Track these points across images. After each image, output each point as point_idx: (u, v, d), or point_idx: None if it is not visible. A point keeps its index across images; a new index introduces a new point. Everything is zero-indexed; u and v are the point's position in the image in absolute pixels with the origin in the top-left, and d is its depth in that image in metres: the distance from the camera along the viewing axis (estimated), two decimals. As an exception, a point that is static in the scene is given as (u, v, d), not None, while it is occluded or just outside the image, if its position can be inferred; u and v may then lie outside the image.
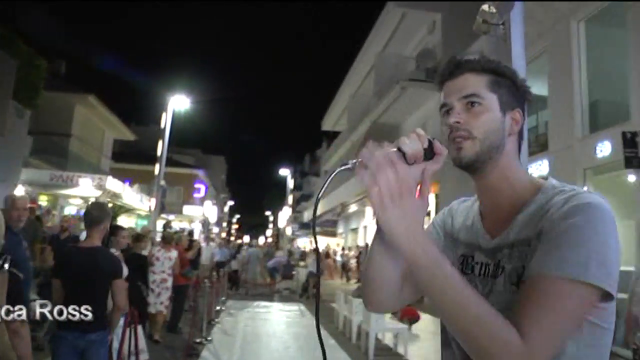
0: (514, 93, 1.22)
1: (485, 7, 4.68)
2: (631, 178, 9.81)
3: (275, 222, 77.34)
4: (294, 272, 17.44)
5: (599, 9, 10.62)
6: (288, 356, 7.75)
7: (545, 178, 1.21)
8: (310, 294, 15.17)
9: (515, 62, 4.77)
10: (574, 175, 10.61)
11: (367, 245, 19.74)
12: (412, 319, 8.97)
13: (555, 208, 1.05)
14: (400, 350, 7.87)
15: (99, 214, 3.72)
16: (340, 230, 36.62)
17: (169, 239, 8.51)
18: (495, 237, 1.19)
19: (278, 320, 11.12)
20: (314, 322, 1.11)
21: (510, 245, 1.13)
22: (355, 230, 31.54)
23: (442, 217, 1.44)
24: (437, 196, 17.69)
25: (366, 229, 27.60)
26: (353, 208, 26.03)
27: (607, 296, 1.00)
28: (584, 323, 1.00)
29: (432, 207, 17.88)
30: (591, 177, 10.74)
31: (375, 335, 7.60)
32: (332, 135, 37.91)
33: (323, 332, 1.05)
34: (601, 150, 10.05)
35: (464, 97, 1.18)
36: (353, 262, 24.98)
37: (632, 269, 8.12)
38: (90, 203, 6.01)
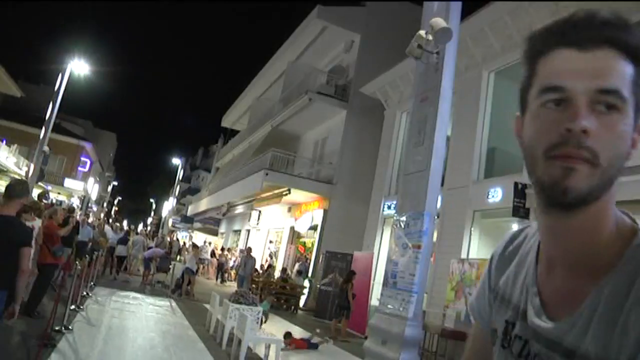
0: None
1: (422, 32, 4.73)
2: (515, 226, 10.42)
3: (157, 210, 74.80)
4: (170, 266, 16.76)
5: (509, 64, 11.31)
6: (154, 356, 7.30)
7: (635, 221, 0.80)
8: (184, 292, 14.62)
9: (444, 93, 4.86)
10: (464, 215, 11.12)
11: (249, 249, 19.42)
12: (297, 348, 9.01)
13: None
14: None
15: (20, 188, 4.13)
16: (222, 230, 35.97)
17: (32, 207, 7.44)
18: (550, 315, 0.81)
19: (147, 314, 10.49)
20: (184, 321, 0.89)
21: (566, 352, 0.75)
22: (237, 232, 31.05)
23: (489, 265, 1.04)
24: (325, 212, 17.89)
25: (249, 233, 27.32)
26: (239, 210, 25.63)
27: None
28: None
29: (319, 222, 18.04)
30: (479, 220, 11.33)
31: (248, 344, 7.31)
32: (231, 133, 37.41)
33: (192, 334, 0.83)
34: (493, 196, 10.62)
35: (602, 91, 0.72)
36: (231, 264, 24.60)
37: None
38: (14, 178, 5.56)
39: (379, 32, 18.44)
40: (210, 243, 30.73)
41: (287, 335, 8.95)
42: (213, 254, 26.04)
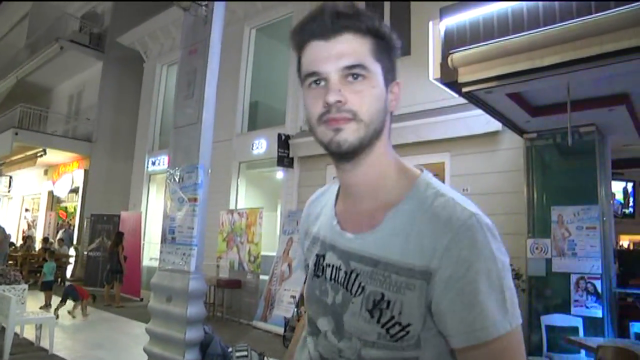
0: (393, 64, 1.02)
1: (190, -17, 4.60)
2: (279, 175, 11.00)
3: None
4: None
5: (270, 21, 11.62)
6: None
7: (420, 170, 1.06)
8: None
9: (214, 45, 4.80)
10: (229, 167, 11.35)
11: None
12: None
13: (443, 244, 0.90)
14: (45, 344, 6.78)
15: None
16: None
17: None
18: (354, 236, 1.02)
19: None
20: None
21: (374, 262, 0.97)
22: None
23: (304, 215, 1.26)
24: (86, 172, 16.68)
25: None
26: None
27: None
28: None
29: (80, 183, 16.77)
30: (245, 171, 11.66)
31: (13, 329, 6.41)
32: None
33: None
34: (257, 147, 10.98)
35: (347, 67, 0.95)
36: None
37: (274, 254, 9.08)
38: None
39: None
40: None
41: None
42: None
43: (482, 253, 0.89)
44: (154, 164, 14.54)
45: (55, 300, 9.48)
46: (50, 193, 19.19)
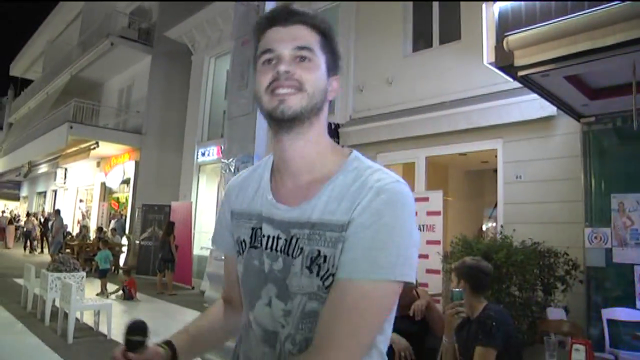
0: (335, 62, 1.18)
1: (242, -25, 4.62)
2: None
3: None
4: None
5: (318, 9, 11.59)
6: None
7: (350, 150, 1.19)
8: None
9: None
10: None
11: (58, 211, 17.82)
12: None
13: (366, 199, 1.03)
14: (103, 329, 7.01)
15: None
16: (24, 193, 32.55)
17: None
18: (292, 207, 1.12)
19: None
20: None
21: (311, 225, 1.07)
22: (42, 194, 28.27)
23: (224, 199, 1.36)
24: (137, 163, 17.08)
25: (56, 193, 25.09)
26: (43, 169, 23.32)
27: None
28: (373, 350, 1.09)
29: (131, 175, 17.18)
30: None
31: (75, 315, 6.68)
32: (23, 83, 33.15)
33: (6, 315, 0.74)
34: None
35: (298, 47, 1.10)
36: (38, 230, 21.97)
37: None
38: None
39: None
40: (3, 211, 27.66)
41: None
42: (12, 221, 23.54)
43: (395, 211, 1.01)
44: (203, 154, 14.71)
45: (110, 287, 9.79)
46: (103, 184, 19.71)
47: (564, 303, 5.71)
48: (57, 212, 17.80)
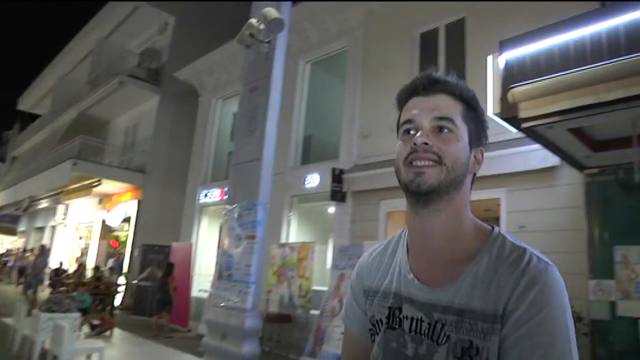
0: (480, 131, 1.13)
1: (253, 21, 4.69)
2: (331, 209, 11.00)
3: None
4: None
5: (324, 55, 11.78)
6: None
7: (491, 226, 1.12)
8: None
9: (275, 82, 4.87)
10: (282, 200, 11.37)
11: (43, 247, 17.65)
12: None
13: (520, 287, 0.97)
14: None
15: None
16: (22, 227, 32.39)
17: None
18: (433, 289, 1.07)
19: None
20: None
21: (457, 310, 1.02)
22: (41, 229, 28.16)
23: (355, 277, 1.30)
24: (139, 202, 17.09)
25: (54, 229, 25.00)
26: (43, 204, 23.31)
27: None
28: None
29: (133, 213, 17.15)
30: (297, 204, 11.69)
31: (65, 358, 6.32)
32: (29, 118, 33.42)
33: None
34: (310, 181, 11.02)
35: (437, 118, 1.06)
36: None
37: (325, 289, 8.97)
38: None
39: (194, 16, 17.87)
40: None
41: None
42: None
43: (555, 301, 0.95)
44: (206, 196, 14.73)
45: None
46: (104, 222, 19.62)
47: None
48: (43, 247, 17.51)
